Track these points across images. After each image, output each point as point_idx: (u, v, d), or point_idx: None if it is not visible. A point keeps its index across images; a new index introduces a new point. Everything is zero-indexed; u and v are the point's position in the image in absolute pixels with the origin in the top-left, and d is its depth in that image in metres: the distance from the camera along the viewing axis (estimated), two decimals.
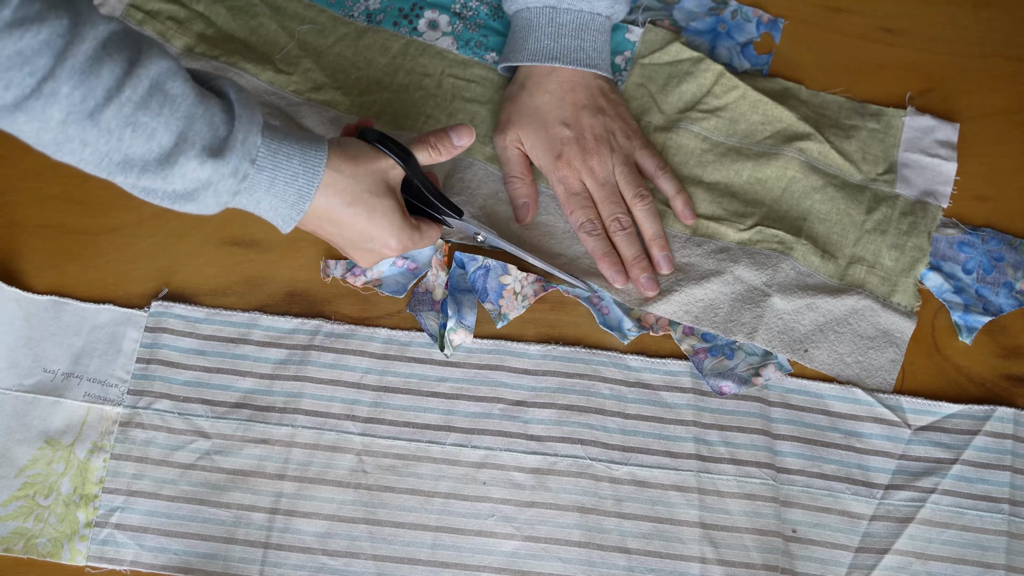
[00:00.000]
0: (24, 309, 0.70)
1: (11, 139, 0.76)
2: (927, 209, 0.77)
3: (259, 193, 0.60)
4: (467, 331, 0.70)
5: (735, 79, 0.80)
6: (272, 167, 0.60)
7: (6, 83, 0.50)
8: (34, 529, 0.65)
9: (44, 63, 0.50)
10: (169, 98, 0.55)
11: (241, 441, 0.68)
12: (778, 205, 0.77)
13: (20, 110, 0.52)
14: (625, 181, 0.74)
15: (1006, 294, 0.75)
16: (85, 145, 0.54)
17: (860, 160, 0.79)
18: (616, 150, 0.74)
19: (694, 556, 0.66)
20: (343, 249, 0.67)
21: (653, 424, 0.69)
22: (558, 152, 0.73)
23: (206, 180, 0.58)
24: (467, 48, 0.81)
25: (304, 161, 0.61)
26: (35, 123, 0.52)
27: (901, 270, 0.75)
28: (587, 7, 0.75)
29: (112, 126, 0.54)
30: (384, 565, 0.65)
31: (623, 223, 0.73)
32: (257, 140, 0.59)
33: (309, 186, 0.61)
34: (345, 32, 0.81)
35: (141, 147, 0.55)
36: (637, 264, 0.72)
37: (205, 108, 0.57)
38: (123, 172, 0.56)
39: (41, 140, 0.54)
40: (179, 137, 0.56)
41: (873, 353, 0.72)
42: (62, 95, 0.52)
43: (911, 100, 0.82)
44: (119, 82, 0.53)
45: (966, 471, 0.69)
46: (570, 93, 0.74)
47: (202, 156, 0.57)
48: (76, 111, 0.52)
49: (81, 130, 0.53)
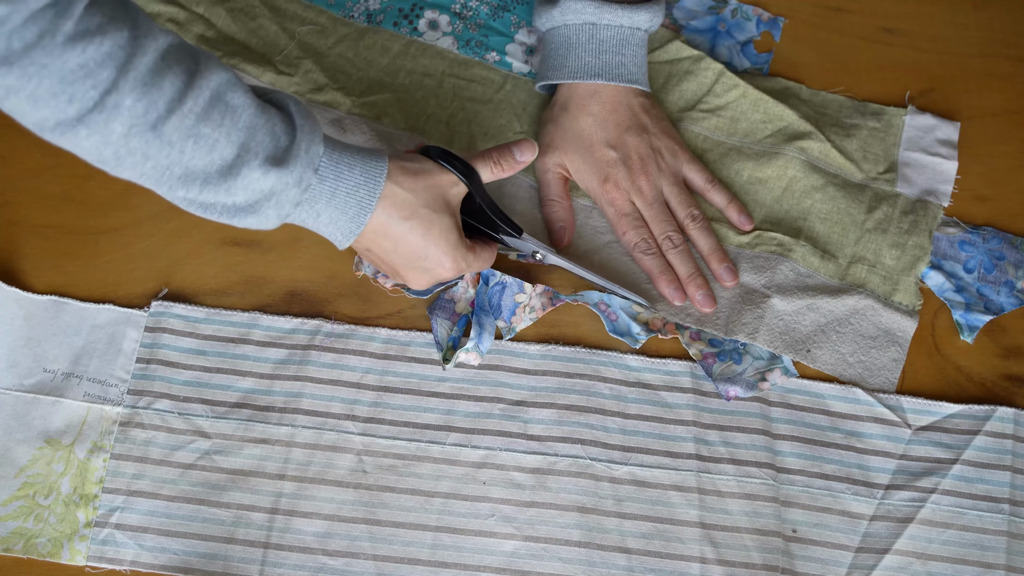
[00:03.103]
0: (24, 309, 0.70)
1: (11, 139, 0.77)
2: (928, 208, 0.77)
3: (320, 204, 0.59)
4: (479, 356, 0.70)
5: (735, 78, 0.80)
6: (334, 177, 0.59)
7: (69, 96, 0.50)
8: (34, 529, 0.65)
9: (107, 75, 0.50)
10: (230, 109, 0.55)
11: (241, 441, 0.68)
12: (778, 205, 0.77)
13: (82, 124, 0.51)
14: (676, 201, 0.74)
15: (1007, 293, 0.75)
16: (147, 158, 0.53)
17: (861, 159, 0.79)
18: (663, 169, 0.74)
19: (694, 556, 0.66)
20: (397, 269, 0.65)
21: (653, 424, 0.69)
22: (605, 175, 0.73)
23: (268, 190, 0.57)
24: (468, 48, 0.81)
25: (365, 171, 0.60)
26: (96, 137, 0.52)
27: (902, 269, 0.75)
28: (628, 22, 0.74)
29: (174, 138, 0.53)
30: (384, 565, 0.65)
31: (675, 241, 0.73)
32: (319, 149, 0.58)
33: (370, 197, 0.60)
34: (345, 33, 0.81)
35: (203, 159, 0.54)
36: (693, 281, 0.72)
37: (266, 118, 0.56)
38: (184, 186, 0.55)
39: (102, 155, 0.53)
40: (241, 148, 0.55)
41: (875, 352, 0.72)
42: (125, 107, 0.51)
43: (911, 100, 0.82)
44: (180, 93, 0.53)
45: (966, 471, 0.69)
46: (612, 114, 0.74)
47: (265, 166, 0.56)
48: (139, 123, 0.52)
49: (143, 143, 0.53)
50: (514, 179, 0.76)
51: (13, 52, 0.47)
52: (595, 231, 0.75)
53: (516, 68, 0.81)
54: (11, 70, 0.48)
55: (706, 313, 0.72)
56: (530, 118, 0.79)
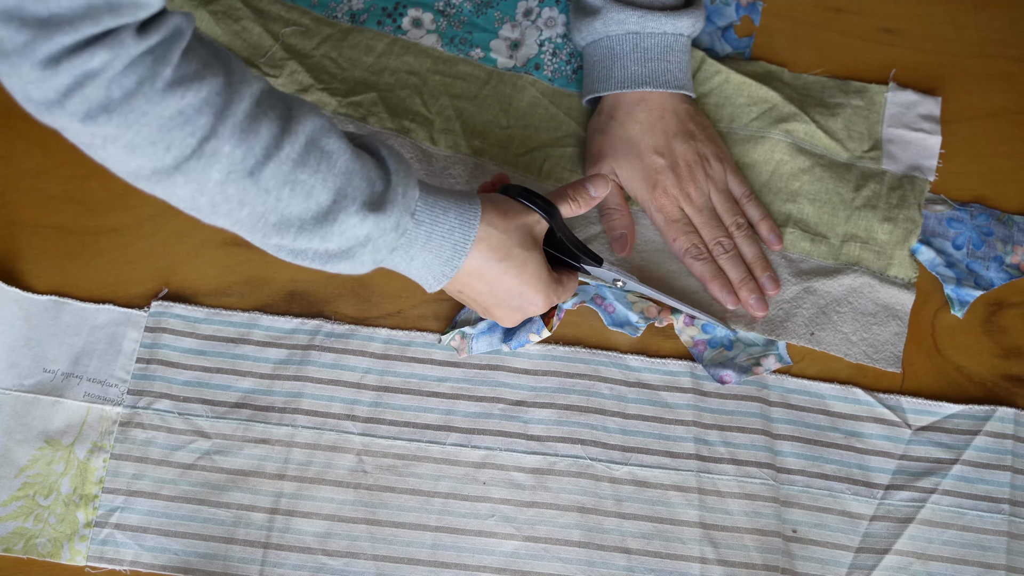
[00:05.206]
0: (24, 309, 0.70)
1: (11, 139, 0.77)
2: (915, 183, 0.78)
3: (415, 249, 0.59)
4: (467, 352, 0.70)
5: (717, 64, 0.80)
6: (430, 221, 0.58)
7: (167, 144, 0.49)
8: (34, 529, 0.65)
9: (205, 122, 0.49)
10: (325, 154, 0.54)
11: (241, 441, 0.68)
12: (767, 189, 0.77)
13: (179, 172, 0.50)
14: (722, 207, 0.74)
15: (996, 268, 0.75)
16: (243, 205, 0.53)
17: (846, 138, 0.79)
18: (711, 175, 0.74)
19: (694, 556, 0.66)
20: (489, 308, 0.65)
21: (653, 424, 0.69)
22: (654, 182, 0.73)
23: (365, 236, 0.56)
24: (452, 45, 0.81)
25: (460, 215, 0.59)
26: (192, 185, 0.51)
27: (895, 243, 0.75)
28: (671, 29, 0.74)
29: (270, 185, 0.52)
30: (384, 565, 0.65)
31: (726, 246, 0.73)
32: (415, 193, 0.58)
33: (465, 240, 0.59)
34: (329, 33, 0.81)
35: (299, 205, 0.54)
36: (745, 286, 0.72)
37: (361, 164, 0.56)
38: (279, 233, 0.55)
39: (196, 203, 0.52)
40: (337, 193, 0.54)
41: (877, 328, 0.73)
42: (223, 154, 0.50)
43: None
44: (277, 139, 0.52)
45: (966, 471, 0.69)
46: (659, 121, 0.74)
47: (362, 212, 0.55)
48: (236, 170, 0.51)
49: (240, 190, 0.52)
50: None
51: (113, 101, 0.47)
52: (645, 240, 0.75)
53: (501, 64, 0.81)
54: (110, 119, 0.47)
55: (759, 317, 0.72)
56: (517, 113, 0.79)
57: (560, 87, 0.81)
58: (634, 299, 0.72)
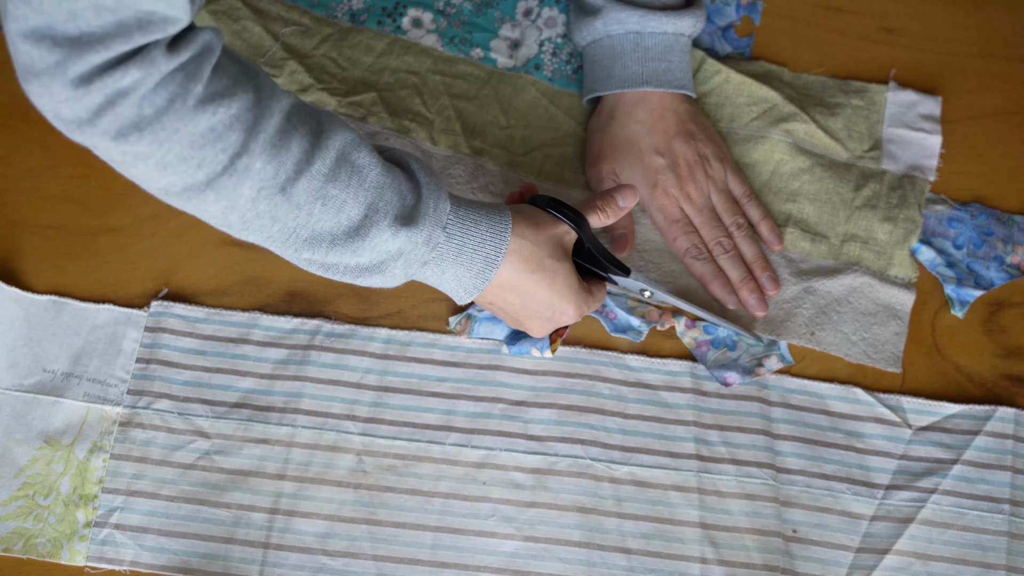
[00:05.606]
0: (24, 309, 0.70)
1: (11, 139, 0.77)
2: (915, 183, 0.78)
3: (446, 262, 0.59)
4: (467, 333, 0.70)
5: (718, 63, 0.80)
6: (461, 234, 0.58)
7: (199, 161, 0.49)
8: (34, 529, 0.65)
9: (236, 138, 0.49)
10: (356, 169, 0.54)
11: (241, 441, 0.68)
12: (767, 189, 0.77)
13: (211, 188, 0.50)
14: (722, 208, 0.74)
15: (997, 267, 0.75)
16: (275, 221, 0.53)
17: (846, 138, 0.79)
18: (711, 175, 0.74)
19: (694, 556, 0.66)
20: (520, 319, 0.65)
21: (653, 424, 0.69)
22: (654, 182, 0.73)
23: (397, 250, 0.56)
24: (452, 45, 0.81)
25: (491, 227, 0.59)
26: (224, 202, 0.51)
27: (895, 242, 0.75)
28: (672, 28, 0.74)
29: (302, 200, 0.52)
30: (384, 565, 0.65)
31: (726, 246, 0.73)
32: (447, 207, 0.58)
33: (496, 253, 0.59)
34: (329, 33, 0.81)
35: (330, 220, 0.54)
36: (745, 286, 0.72)
37: (392, 178, 0.56)
38: (310, 248, 0.55)
39: (227, 220, 0.52)
40: (369, 208, 0.54)
41: (877, 328, 0.73)
42: (255, 170, 0.50)
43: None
44: (308, 154, 0.52)
45: (967, 471, 0.69)
46: (660, 121, 0.74)
47: (394, 226, 0.55)
48: (268, 186, 0.51)
49: (272, 206, 0.52)
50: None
51: (144, 119, 0.46)
52: (645, 240, 0.75)
53: (501, 64, 0.81)
54: (142, 137, 0.47)
55: (758, 317, 0.72)
56: (517, 113, 0.79)
57: (560, 87, 0.81)
58: (634, 304, 0.72)
